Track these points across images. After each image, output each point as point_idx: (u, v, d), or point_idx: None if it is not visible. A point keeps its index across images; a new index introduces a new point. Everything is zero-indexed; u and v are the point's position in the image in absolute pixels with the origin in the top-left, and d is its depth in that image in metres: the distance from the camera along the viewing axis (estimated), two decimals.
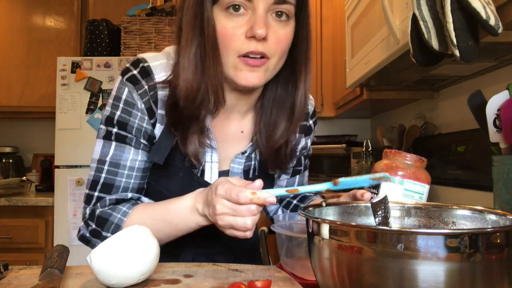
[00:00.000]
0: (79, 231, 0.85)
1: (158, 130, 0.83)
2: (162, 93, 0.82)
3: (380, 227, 0.55)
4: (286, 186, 1.05)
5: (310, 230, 0.54)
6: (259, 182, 0.69)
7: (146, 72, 0.81)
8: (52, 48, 3.02)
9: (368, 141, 2.57)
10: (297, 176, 1.06)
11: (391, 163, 0.75)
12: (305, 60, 0.84)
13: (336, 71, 2.64)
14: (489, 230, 0.46)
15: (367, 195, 0.79)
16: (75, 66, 2.65)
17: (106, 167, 0.82)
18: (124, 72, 0.83)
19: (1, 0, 3.03)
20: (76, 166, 2.60)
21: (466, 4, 0.79)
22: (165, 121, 0.83)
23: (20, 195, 2.76)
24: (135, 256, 0.62)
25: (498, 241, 0.44)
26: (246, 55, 0.76)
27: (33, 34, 3.05)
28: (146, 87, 0.81)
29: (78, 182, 2.58)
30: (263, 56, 0.76)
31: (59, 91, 2.64)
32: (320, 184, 0.67)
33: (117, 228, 0.79)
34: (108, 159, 0.81)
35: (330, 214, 0.66)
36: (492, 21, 0.78)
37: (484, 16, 0.78)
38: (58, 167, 2.62)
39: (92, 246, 0.83)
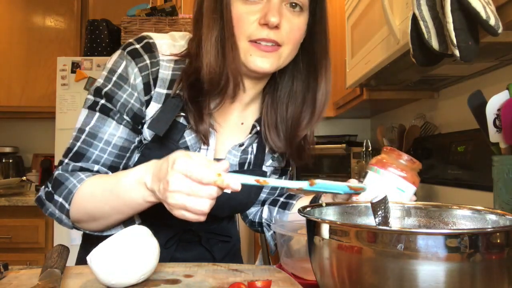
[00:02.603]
0: (38, 192, 0.82)
1: (153, 108, 0.82)
2: (164, 72, 0.81)
3: (380, 227, 0.55)
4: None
5: (310, 230, 0.54)
6: (226, 163, 0.64)
7: (150, 48, 0.81)
8: (52, 48, 3.02)
9: (368, 141, 2.57)
10: (283, 176, 1.05)
11: (383, 157, 0.77)
12: (325, 54, 0.86)
13: (336, 71, 2.64)
14: (489, 230, 0.46)
15: (353, 180, 0.80)
16: (75, 66, 2.65)
17: (83, 136, 0.80)
18: (126, 45, 0.82)
19: (1, 0, 3.04)
20: None
21: (466, 4, 0.79)
22: (162, 100, 0.82)
23: (20, 195, 2.76)
24: (135, 256, 0.62)
25: (498, 241, 0.44)
26: (257, 41, 0.77)
27: (33, 34, 3.05)
28: (148, 61, 0.80)
29: None
30: (275, 44, 0.78)
31: (59, 91, 2.64)
32: (294, 181, 0.65)
33: (69, 193, 0.76)
34: (87, 128, 0.80)
35: (330, 214, 0.66)
36: (492, 21, 0.78)
37: (484, 16, 0.78)
38: None
39: (46, 210, 0.80)
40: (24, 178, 2.92)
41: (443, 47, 0.91)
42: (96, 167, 0.80)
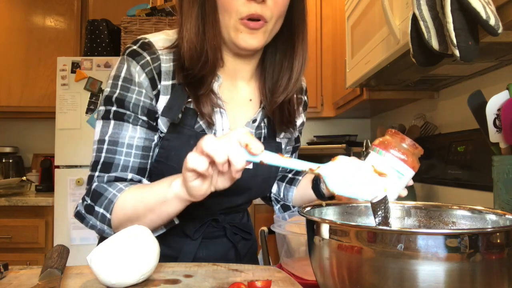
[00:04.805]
0: (76, 207, 0.83)
1: (163, 101, 0.83)
2: (166, 65, 0.83)
3: (380, 227, 0.55)
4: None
5: (310, 230, 0.54)
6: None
7: (147, 45, 0.83)
8: (52, 48, 3.02)
9: (368, 141, 2.56)
10: (294, 154, 1.11)
11: (387, 139, 0.78)
12: (302, 22, 0.88)
13: (336, 71, 2.64)
14: (489, 230, 0.46)
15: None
16: (75, 66, 2.65)
17: (105, 146, 0.81)
18: (125, 50, 0.85)
19: (1, 0, 3.04)
20: (76, 166, 2.60)
21: (466, 4, 0.79)
22: (169, 91, 0.83)
23: (20, 195, 2.76)
24: (135, 256, 0.62)
25: (498, 241, 0.44)
26: (245, 18, 0.78)
27: (33, 34, 3.05)
28: (148, 58, 0.82)
29: (78, 182, 2.58)
30: (262, 20, 0.79)
31: (59, 91, 2.64)
32: (311, 163, 0.64)
33: (110, 203, 0.77)
34: (107, 138, 0.81)
35: (330, 214, 0.66)
36: (492, 21, 0.78)
37: (484, 16, 0.78)
38: (58, 167, 2.62)
39: (87, 223, 0.80)
40: (24, 178, 2.92)
41: (443, 47, 0.91)
42: (129, 175, 0.81)
